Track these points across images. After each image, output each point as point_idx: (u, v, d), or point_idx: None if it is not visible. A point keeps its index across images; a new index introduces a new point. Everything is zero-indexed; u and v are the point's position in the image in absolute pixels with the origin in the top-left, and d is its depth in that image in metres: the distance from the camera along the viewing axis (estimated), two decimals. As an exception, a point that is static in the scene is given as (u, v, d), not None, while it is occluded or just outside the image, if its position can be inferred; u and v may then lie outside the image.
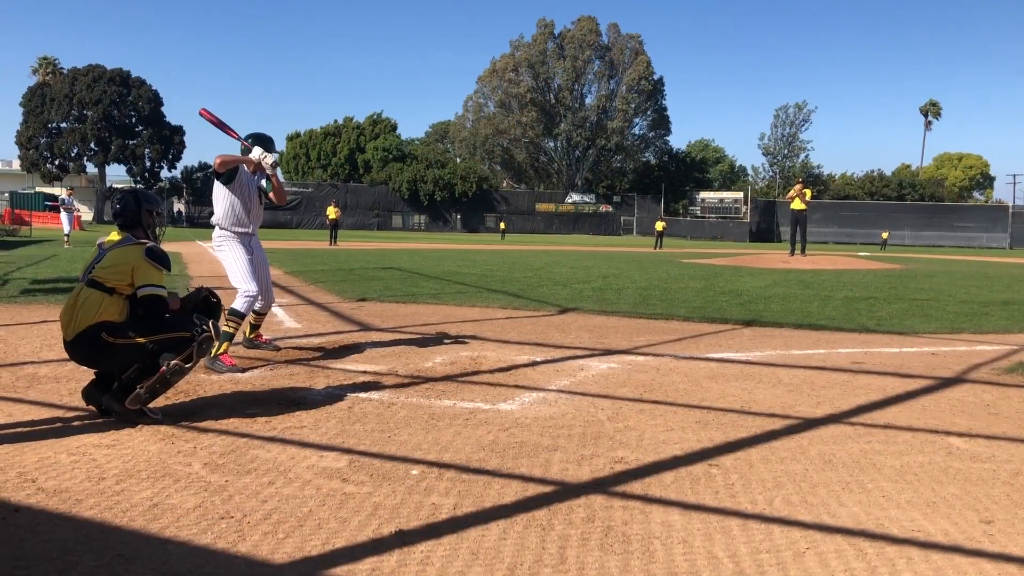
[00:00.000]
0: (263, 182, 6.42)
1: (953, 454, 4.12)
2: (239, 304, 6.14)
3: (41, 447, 3.85)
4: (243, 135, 6.23)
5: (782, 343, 7.79)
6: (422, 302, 10.71)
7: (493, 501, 3.28)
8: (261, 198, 6.45)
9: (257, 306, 6.46)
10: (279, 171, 6.34)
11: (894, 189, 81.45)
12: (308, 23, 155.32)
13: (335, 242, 32.78)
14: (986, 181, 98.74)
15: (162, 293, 4.44)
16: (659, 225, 43.84)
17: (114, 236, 4.67)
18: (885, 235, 58.87)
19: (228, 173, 6.14)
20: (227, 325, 5.97)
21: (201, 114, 6.29)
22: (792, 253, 22.76)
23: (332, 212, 34.68)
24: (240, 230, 6.32)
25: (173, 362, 4.31)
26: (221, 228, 6.31)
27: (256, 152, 6.08)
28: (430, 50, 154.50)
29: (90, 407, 4.48)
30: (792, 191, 23.10)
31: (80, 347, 4.34)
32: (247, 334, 6.65)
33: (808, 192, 23.21)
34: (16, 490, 3.26)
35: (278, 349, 6.69)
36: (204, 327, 4.47)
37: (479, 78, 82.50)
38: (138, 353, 4.33)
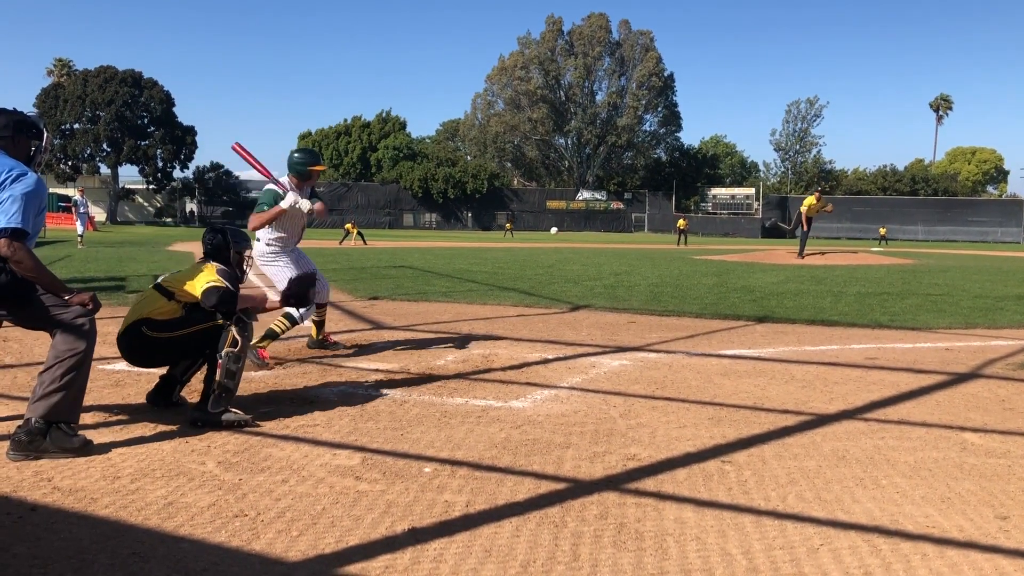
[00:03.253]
0: (304, 205, 6.16)
1: (968, 450, 4.09)
2: (295, 312, 6.24)
3: (57, 446, 3.87)
4: (276, 166, 6.22)
5: (795, 339, 7.76)
6: (434, 300, 10.73)
7: (506, 498, 3.29)
8: (304, 217, 6.45)
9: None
10: (316, 203, 6.23)
11: (907, 184, 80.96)
12: (317, 22, 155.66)
13: (364, 241, 34.58)
14: (1000, 175, 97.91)
15: (224, 285, 4.48)
16: (681, 223, 44.63)
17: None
18: (883, 231, 57.95)
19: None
20: (276, 324, 6.22)
21: (234, 148, 6.26)
22: (801, 255, 22.84)
23: (349, 228, 36.06)
24: (284, 245, 6.42)
25: (224, 351, 4.34)
26: (268, 244, 6.35)
27: (289, 200, 5.98)
28: (439, 48, 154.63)
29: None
30: (813, 199, 22.98)
31: (123, 340, 4.48)
32: (314, 336, 6.77)
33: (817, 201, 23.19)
34: (32, 489, 3.29)
35: (346, 347, 6.88)
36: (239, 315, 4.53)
37: (488, 76, 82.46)
38: (170, 347, 4.44)
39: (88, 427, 4.24)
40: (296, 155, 6.33)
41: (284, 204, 5.98)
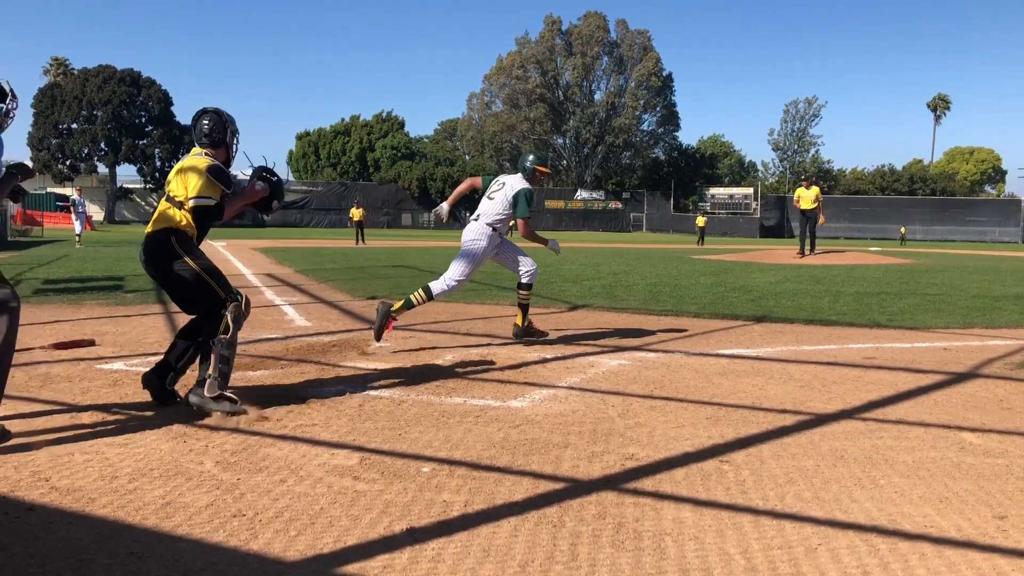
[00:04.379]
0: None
1: (966, 449, 4.10)
2: (436, 287, 6.94)
3: (54, 446, 3.87)
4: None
5: (793, 339, 7.77)
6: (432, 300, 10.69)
7: (504, 498, 3.28)
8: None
9: (525, 279, 7.16)
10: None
11: (905, 184, 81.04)
12: (316, 21, 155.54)
13: (362, 240, 32.76)
14: (998, 175, 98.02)
15: (210, 203, 4.69)
16: (700, 221, 45.22)
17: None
18: (903, 230, 58.47)
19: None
20: (415, 296, 6.94)
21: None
22: (801, 252, 22.33)
23: (356, 213, 34.67)
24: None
25: (218, 337, 4.52)
26: (492, 227, 7.05)
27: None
28: (437, 47, 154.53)
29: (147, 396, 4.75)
30: (801, 190, 22.40)
31: (151, 248, 4.63)
32: (519, 322, 7.18)
33: (815, 190, 22.34)
34: (30, 489, 3.29)
35: (545, 335, 7.32)
36: (239, 297, 4.70)
37: (486, 76, 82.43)
38: (191, 282, 4.59)
39: (85, 426, 4.24)
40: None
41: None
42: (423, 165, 77.00)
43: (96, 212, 59.87)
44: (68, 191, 53.09)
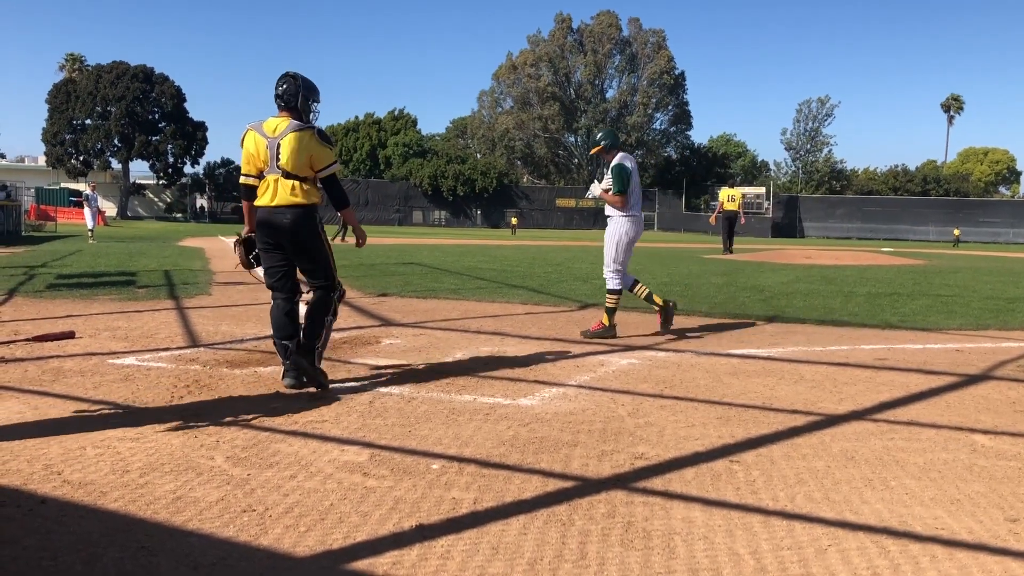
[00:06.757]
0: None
1: (978, 451, 4.07)
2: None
3: (66, 440, 3.90)
4: None
5: (804, 339, 7.74)
6: (442, 297, 10.73)
7: (513, 496, 3.29)
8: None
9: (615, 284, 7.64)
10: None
11: (918, 184, 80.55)
12: (330, 20, 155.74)
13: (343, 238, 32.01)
14: (1012, 176, 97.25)
15: (338, 170, 5.25)
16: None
17: (271, 122, 5.05)
18: (957, 232, 58.13)
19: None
20: (608, 301, 7.57)
21: None
22: (726, 251, 23.55)
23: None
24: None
25: (328, 318, 5.22)
26: (631, 216, 7.55)
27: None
28: (450, 45, 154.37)
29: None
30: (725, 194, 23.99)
31: (287, 218, 4.99)
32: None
33: (738, 194, 24.87)
34: (42, 482, 3.31)
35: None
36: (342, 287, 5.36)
37: (494, 74, 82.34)
38: (324, 260, 5.21)
39: (97, 420, 4.27)
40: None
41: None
42: (435, 163, 77.02)
43: (110, 208, 60.16)
44: (82, 187, 53.36)
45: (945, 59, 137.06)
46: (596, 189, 7.66)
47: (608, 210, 7.59)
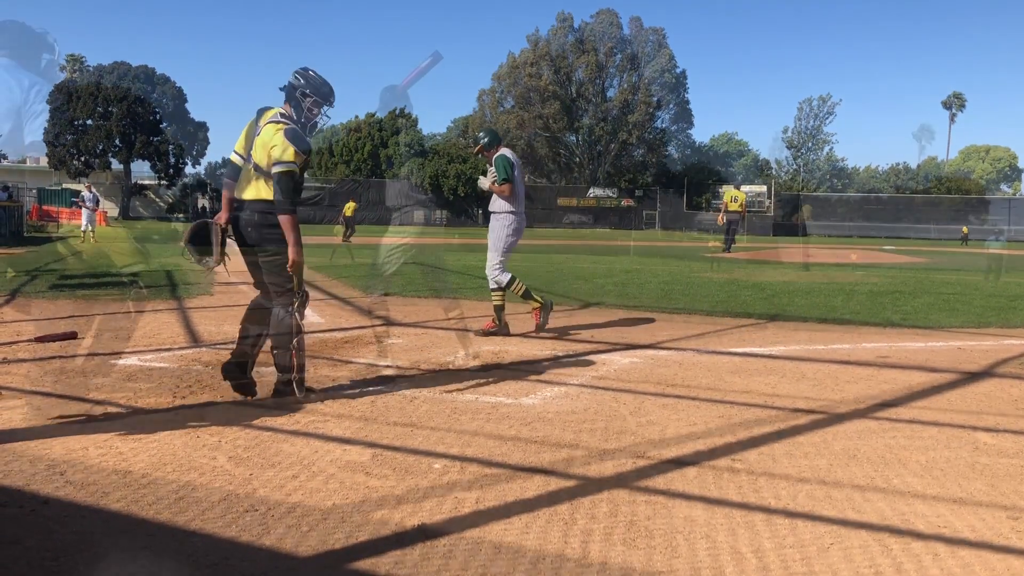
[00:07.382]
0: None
1: (980, 449, 4.07)
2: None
3: (69, 440, 3.90)
4: None
5: (806, 337, 7.73)
6: (444, 296, 10.73)
7: (515, 495, 3.29)
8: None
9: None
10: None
11: (920, 182, 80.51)
12: (332, 19, 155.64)
13: (348, 238, 32.04)
14: (1014, 173, 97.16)
15: (294, 169, 4.68)
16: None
17: (271, 111, 4.93)
18: (965, 230, 58.22)
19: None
20: (495, 298, 7.62)
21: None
22: (727, 250, 23.88)
23: (349, 209, 34.30)
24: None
25: (294, 341, 4.72)
26: (516, 213, 7.66)
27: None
28: (452, 44, 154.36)
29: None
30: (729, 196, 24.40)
31: (248, 215, 4.75)
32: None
33: (742, 196, 25.11)
34: (45, 482, 3.31)
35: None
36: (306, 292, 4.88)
37: (495, 75, 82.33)
38: (279, 265, 4.70)
39: (100, 421, 4.27)
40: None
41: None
42: (436, 162, 77.03)
43: (111, 208, 60.17)
44: (82, 187, 53.33)
45: (947, 56, 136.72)
46: (484, 182, 7.77)
47: (493, 206, 7.69)
